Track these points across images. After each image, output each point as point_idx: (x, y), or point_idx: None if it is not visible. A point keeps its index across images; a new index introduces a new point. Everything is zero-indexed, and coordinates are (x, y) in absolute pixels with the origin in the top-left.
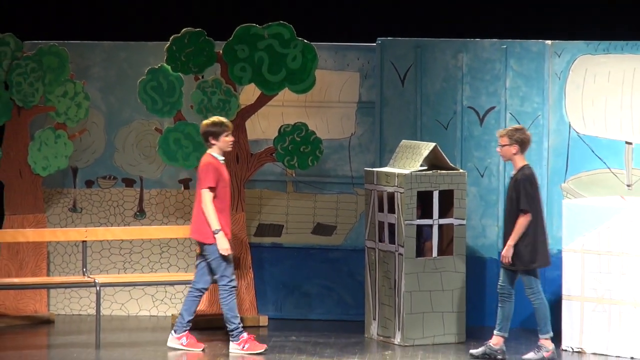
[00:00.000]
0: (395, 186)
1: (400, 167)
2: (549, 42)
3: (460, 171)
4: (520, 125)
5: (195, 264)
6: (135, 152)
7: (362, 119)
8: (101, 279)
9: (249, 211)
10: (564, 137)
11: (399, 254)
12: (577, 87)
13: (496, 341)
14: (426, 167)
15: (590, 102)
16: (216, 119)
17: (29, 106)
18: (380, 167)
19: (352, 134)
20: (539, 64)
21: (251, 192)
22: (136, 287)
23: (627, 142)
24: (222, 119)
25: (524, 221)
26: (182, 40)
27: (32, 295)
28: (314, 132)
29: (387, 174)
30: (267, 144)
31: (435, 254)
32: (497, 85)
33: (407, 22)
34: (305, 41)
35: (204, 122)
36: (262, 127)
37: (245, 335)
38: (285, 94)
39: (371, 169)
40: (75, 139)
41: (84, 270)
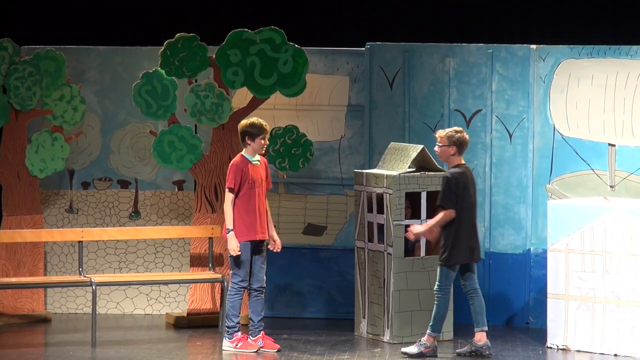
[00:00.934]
0: (384, 187)
1: (389, 169)
2: (533, 46)
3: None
4: (459, 127)
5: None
6: (130, 155)
7: (352, 121)
8: (97, 278)
9: None
10: (549, 139)
11: (388, 254)
12: (561, 90)
13: (479, 337)
14: (414, 169)
15: (574, 105)
16: (256, 120)
17: (27, 109)
18: (369, 168)
19: (341, 136)
20: (524, 68)
21: None
22: (131, 286)
23: (610, 144)
24: (262, 122)
25: (442, 216)
26: (175, 45)
27: (29, 294)
28: (304, 135)
29: (376, 176)
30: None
31: (423, 253)
32: (484, 88)
33: (396, 27)
34: (296, 46)
35: (243, 122)
36: None
37: (239, 334)
38: (276, 98)
39: (361, 170)
40: (71, 141)
41: (80, 269)
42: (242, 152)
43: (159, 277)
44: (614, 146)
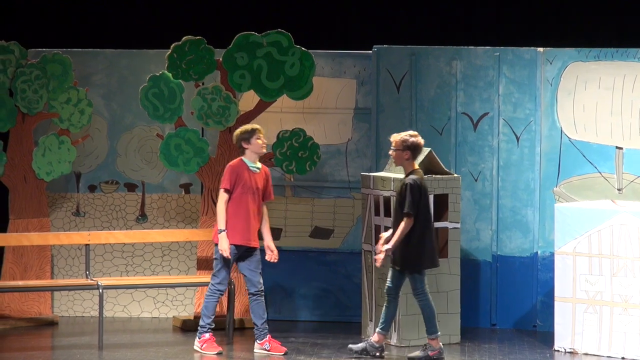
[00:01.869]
0: (391, 190)
1: (396, 172)
2: (540, 49)
3: (454, 176)
4: (414, 132)
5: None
6: (137, 158)
7: (359, 124)
8: (104, 281)
9: None
10: (556, 142)
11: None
12: (568, 93)
13: (377, 338)
14: None
15: (581, 108)
16: (248, 126)
17: (33, 113)
18: (376, 171)
19: (348, 139)
20: (531, 71)
21: None
22: (138, 289)
23: (617, 147)
24: (254, 125)
25: (406, 225)
26: (182, 48)
27: (36, 297)
28: (311, 138)
29: (383, 179)
30: (266, 150)
31: None
32: (491, 91)
33: (403, 30)
34: (303, 49)
35: (235, 132)
36: None
37: (207, 335)
38: (283, 101)
39: (368, 173)
40: (78, 144)
41: (87, 273)
42: (242, 156)
43: (166, 280)
44: (621, 149)
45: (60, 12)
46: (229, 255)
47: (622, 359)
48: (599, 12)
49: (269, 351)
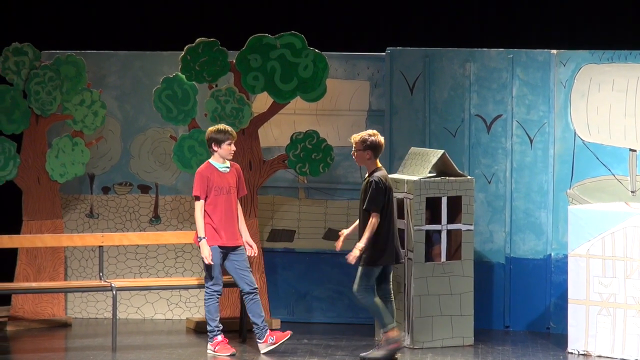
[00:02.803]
0: (404, 192)
1: (409, 174)
2: (554, 51)
3: (468, 178)
4: (373, 130)
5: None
6: (150, 159)
7: (372, 126)
8: (117, 283)
9: (262, 217)
10: (569, 144)
11: (409, 259)
12: (582, 95)
13: (389, 335)
14: (435, 174)
15: (594, 110)
16: (222, 126)
17: (47, 114)
18: (390, 174)
19: None
20: (545, 73)
21: (264, 198)
22: (151, 291)
23: (631, 150)
24: (227, 128)
25: (375, 221)
26: (196, 49)
27: (49, 299)
28: (325, 140)
29: (397, 181)
30: (279, 151)
31: (443, 258)
32: (504, 93)
33: (416, 32)
34: (316, 51)
35: (210, 128)
36: (275, 135)
37: (219, 337)
38: (297, 103)
39: None
40: (91, 146)
41: (101, 274)
42: (210, 159)
43: (180, 282)
44: (634, 151)
45: (73, 14)
46: (211, 261)
47: None
48: (612, 14)
49: (276, 343)
